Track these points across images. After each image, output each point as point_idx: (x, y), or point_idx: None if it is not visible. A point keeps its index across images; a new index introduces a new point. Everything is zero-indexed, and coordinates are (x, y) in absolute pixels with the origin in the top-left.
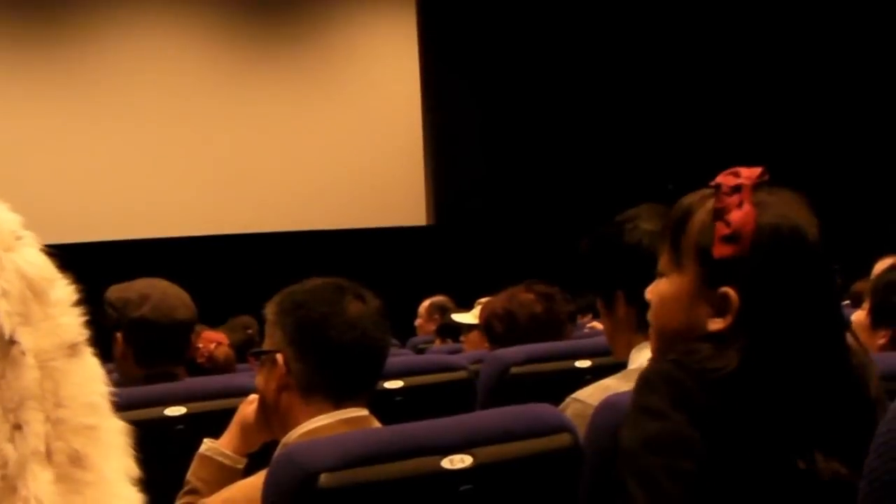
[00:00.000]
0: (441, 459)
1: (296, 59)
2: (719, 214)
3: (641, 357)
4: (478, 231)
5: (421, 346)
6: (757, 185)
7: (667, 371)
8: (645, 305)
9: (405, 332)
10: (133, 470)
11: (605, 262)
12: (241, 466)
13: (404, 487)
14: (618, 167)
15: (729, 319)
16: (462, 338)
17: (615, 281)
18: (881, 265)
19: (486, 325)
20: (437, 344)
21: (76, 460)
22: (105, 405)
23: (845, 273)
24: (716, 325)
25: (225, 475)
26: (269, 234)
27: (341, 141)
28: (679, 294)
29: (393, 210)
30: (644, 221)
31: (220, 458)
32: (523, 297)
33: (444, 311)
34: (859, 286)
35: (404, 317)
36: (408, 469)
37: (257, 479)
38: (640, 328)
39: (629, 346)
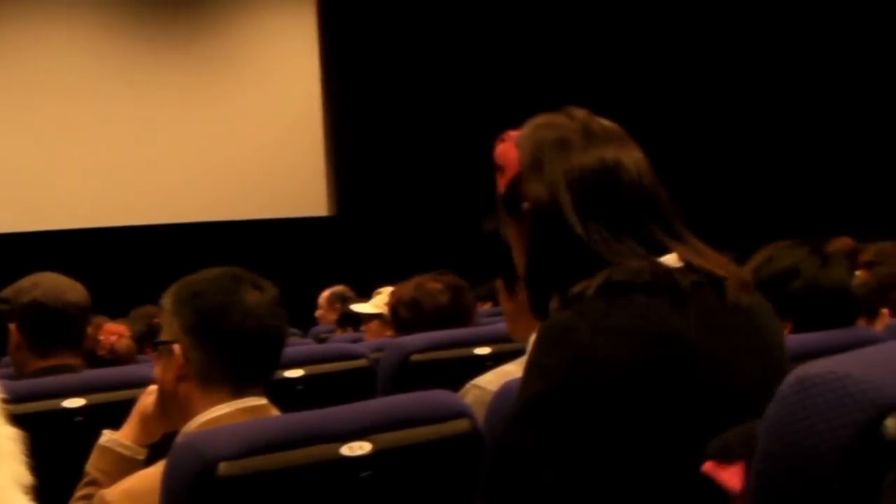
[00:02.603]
0: (340, 446)
1: (196, 50)
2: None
3: None
4: (378, 221)
5: (323, 335)
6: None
7: (556, 321)
8: None
9: (307, 321)
10: (25, 477)
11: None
12: (141, 457)
13: (304, 475)
14: None
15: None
16: (363, 327)
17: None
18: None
19: (392, 312)
20: (339, 333)
21: None
22: None
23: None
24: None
25: (125, 466)
26: (172, 226)
27: (242, 132)
28: (514, 243)
29: (294, 201)
30: None
31: (119, 449)
32: (431, 287)
33: (344, 300)
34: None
35: (306, 307)
36: (307, 456)
37: (157, 469)
38: None
39: (529, 330)
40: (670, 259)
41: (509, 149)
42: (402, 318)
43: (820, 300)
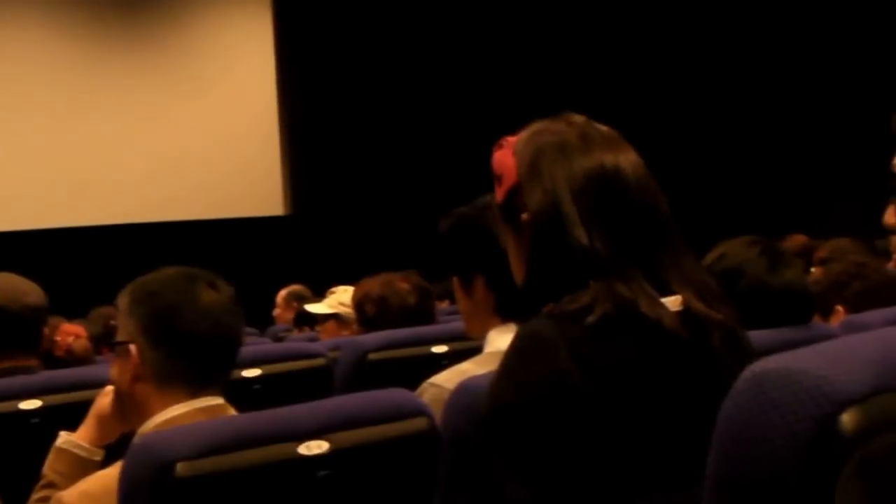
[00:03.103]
0: (297, 446)
1: (151, 50)
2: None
3: (499, 340)
4: (334, 220)
5: (280, 334)
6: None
7: (538, 331)
8: (504, 290)
9: (264, 321)
10: None
11: (467, 244)
12: (98, 458)
13: (261, 475)
14: (473, 156)
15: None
16: (318, 327)
17: (476, 263)
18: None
19: (357, 307)
20: (296, 333)
21: None
22: None
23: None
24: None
25: (82, 467)
26: (129, 226)
27: (198, 132)
28: (511, 252)
29: (250, 200)
30: None
31: (76, 451)
32: (399, 286)
33: (300, 299)
34: None
35: (263, 306)
36: (264, 456)
37: (114, 470)
38: (497, 311)
39: (485, 329)
40: (672, 302)
41: (507, 157)
42: (367, 314)
43: (765, 300)
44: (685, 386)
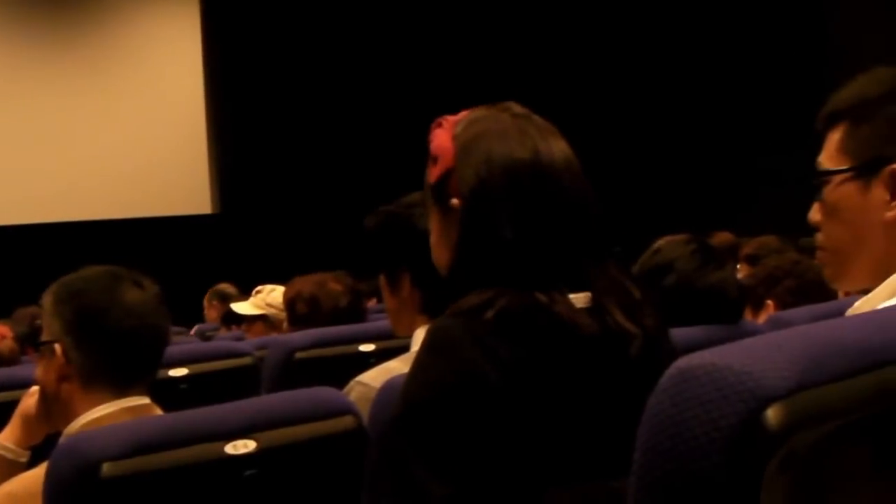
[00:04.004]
0: (224, 445)
1: (78, 49)
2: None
3: None
4: (261, 219)
5: (208, 333)
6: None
7: (444, 328)
8: (430, 287)
9: (192, 319)
10: None
11: (393, 241)
12: (24, 460)
13: (188, 474)
14: (398, 155)
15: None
16: (243, 326)
17: (402, 261)
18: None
19: (289, 305)
20: (223, 331)
21: None
22: None
23: (628, 254)
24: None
25: (7, 469)
26: (54, 224)
27: (124, 130)
28: (436, 235)
29: (177, 199)
30: None
31: (1, 452)
32: (332, 287)
33: (223, 298)
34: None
35: (191, 305)
36: (191, 456)
37: (39, 471)
38: (423, 309)
39: (412, 327)
40: (580, 299)
41: (445, 139)
42: (298, 313)
43: (690, 298)
44: (596, 380)
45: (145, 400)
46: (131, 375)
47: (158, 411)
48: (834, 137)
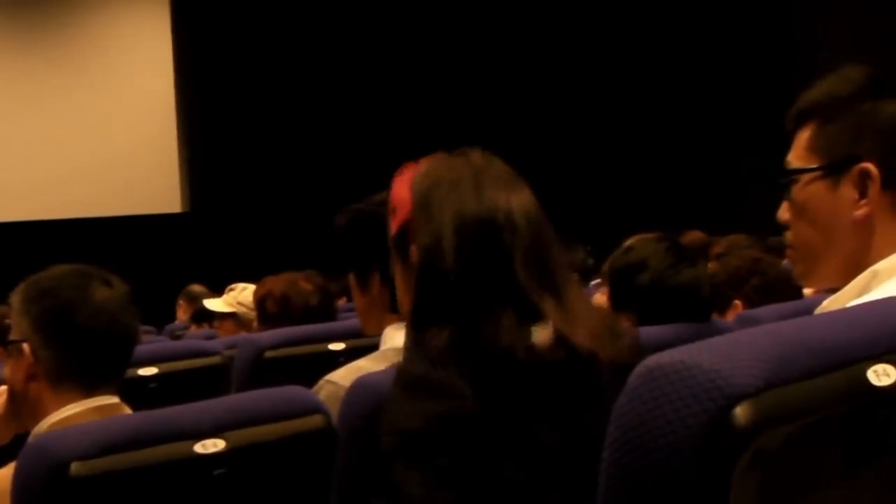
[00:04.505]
0: (194, 444)
1: (48, 47)
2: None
3: (395, 337)
4: (231, 218)
5: (178, 332)
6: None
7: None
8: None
9: (162, 318)
10: None
11: (363, 240)
12: None
13: (157, 473)
14: (367, 154)
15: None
16: (216, 323)
17: (372, 259)
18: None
19: (259, 303)
20: (193, 330)
21: None
22: None
23: (596, 253)
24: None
25: None
26: (23, 223)
27: (94, 129)
28: (399, 282)
29: (147, 198)
30: None
31: None
32: (302, 286)
33: (194, 299)
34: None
35: (160, 304)
36: (160, 455)
37: (7, 471)
38: (393, 308)
39: (381, 325)
40: (542, 336)
41: (403, 189)
42: (268, 311)
43: (664, 296)
44: (560, 406)
45: (114, 399)
46: (100, 375)
47: (128, 410)
48: (803, 136)
